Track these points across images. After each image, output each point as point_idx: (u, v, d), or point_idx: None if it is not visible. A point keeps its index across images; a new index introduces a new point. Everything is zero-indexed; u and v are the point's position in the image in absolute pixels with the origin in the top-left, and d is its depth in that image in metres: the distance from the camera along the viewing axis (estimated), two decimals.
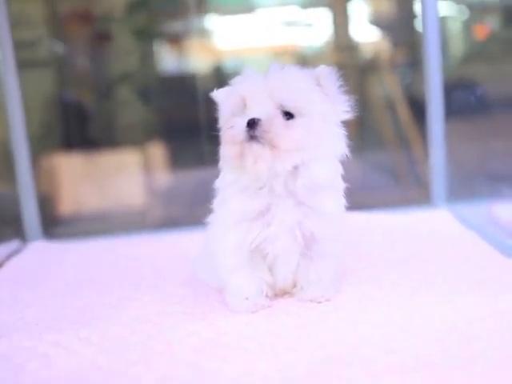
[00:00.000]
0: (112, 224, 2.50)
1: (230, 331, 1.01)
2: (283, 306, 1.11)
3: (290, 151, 1.01)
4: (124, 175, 2.71)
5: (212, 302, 1.16)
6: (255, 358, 0.90)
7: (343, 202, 1.11)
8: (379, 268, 1.27)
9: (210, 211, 1.17)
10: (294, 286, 1.14)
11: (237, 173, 1.05)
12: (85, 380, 0.87)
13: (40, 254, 1.63)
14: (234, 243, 1.08)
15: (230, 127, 1.02)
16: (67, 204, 2.60)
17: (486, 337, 0.91)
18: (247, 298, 1.10)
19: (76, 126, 2.77)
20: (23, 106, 1.83)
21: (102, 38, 2.74)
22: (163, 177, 2.80)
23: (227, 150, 1.04)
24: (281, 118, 1.01)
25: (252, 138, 0.99)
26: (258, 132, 0.99)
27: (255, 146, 1.00)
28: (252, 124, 0.99)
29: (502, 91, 2.29)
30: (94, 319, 1.12)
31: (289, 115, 1.02)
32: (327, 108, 1.05)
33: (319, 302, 1.10)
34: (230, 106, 1.04)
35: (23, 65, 2.33)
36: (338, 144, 1.07)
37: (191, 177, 2.69)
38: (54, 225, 2.41)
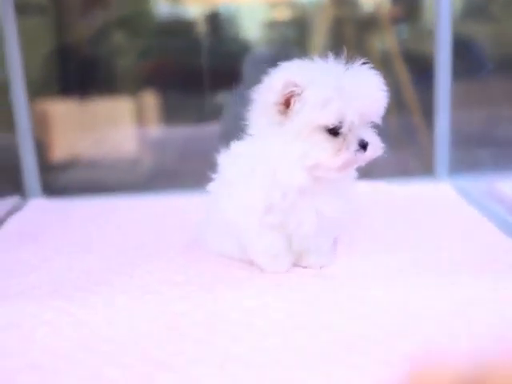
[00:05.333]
0: (105, 173, 2.48)
1: (236, 306, 1.01)
2: (291, 282, 1.11)
3: None
4: (117, 124, 2.66)
5: (217, 270, 1.16)
6: (263, 335, 0.90)
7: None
8: (380, 244, 1.27)
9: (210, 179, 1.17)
10: None
11: None
12: (94, 352, 0.87)
13: (41, 212, 1.60)
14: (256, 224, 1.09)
15: (346, 149, 1.03)
16: (60, 151, 2.56)
17: (485, 320, 0.92)
18: (277, 256, 1.12)
19: (70, 73, 2.70)
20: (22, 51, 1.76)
21: None
22: (156, 128, 2.75)
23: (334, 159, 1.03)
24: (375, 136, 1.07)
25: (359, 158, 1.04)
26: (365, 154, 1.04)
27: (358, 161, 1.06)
28: (363, 146, 1.03)
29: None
30: (98, 285, 1.11)
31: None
32: None
33: (319, 268, 1.16)
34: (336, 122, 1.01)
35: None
36: None
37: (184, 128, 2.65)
38: (48, 172, 2.38)
